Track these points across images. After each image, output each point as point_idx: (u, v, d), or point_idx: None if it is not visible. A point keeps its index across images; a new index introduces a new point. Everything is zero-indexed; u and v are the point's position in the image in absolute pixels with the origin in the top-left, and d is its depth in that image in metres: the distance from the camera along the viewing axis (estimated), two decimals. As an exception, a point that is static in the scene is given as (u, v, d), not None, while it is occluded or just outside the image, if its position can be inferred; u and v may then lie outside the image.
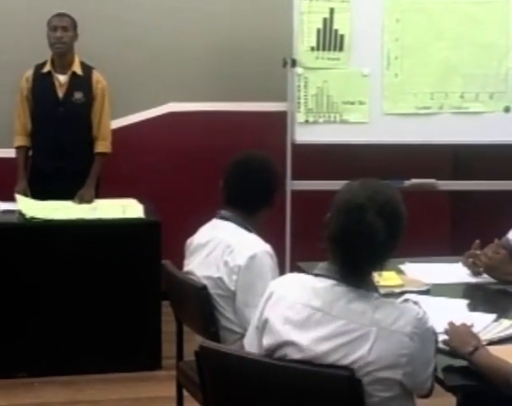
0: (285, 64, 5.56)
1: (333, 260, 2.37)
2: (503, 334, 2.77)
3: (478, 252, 3.54)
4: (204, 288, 3.19)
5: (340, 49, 5.58)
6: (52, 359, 4.71)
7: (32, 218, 4.74)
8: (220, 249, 3.21)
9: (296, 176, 5.61)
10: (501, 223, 3.75)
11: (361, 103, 5.63)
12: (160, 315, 4.79)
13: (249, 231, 3.27)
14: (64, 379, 4.66)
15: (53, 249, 4.69)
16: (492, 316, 2.90)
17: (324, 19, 5.55)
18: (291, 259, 5.35)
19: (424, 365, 2.31)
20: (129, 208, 4.99)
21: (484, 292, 3.41)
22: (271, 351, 2.40)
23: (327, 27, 5.56)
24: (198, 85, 5.68)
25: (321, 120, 5.63)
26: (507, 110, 5.72)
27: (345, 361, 2.27)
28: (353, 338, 2.27)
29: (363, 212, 2.29)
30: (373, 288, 2.39)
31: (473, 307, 3.09)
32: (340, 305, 2.31)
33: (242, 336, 3.13)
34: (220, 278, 3.19)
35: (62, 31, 5.16)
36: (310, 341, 2.32)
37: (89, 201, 5.11)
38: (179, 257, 3.51)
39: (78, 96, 5.25)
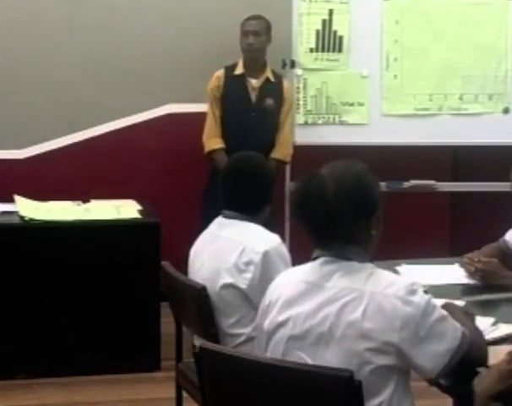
0: (284, 65, 5.57)
1: (308, 234, 2.39)
2: (498, 336, 2.77)
3: (476, 252, 3.56)
4: (204, 289, 3.18)
5: (340, 50, 5.59)
6: (51, 360, 4.71)
7: (31, 220, 4.74)
8: (231, 248, 3.18)
9: (296, 177, 5.59)
10: (500, 224, 3.75)
11: (360, 104, 5.64)
12: (159, 316, 4.79)
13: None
14: (63, 380, 4.66)
15: (52, 250, 4.69)
16: (491, 320, 2.90)
17: (324, 21, 5.56)
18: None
19: (431, 338, 2.29)
20: (123, 208, 4.98)
21: (481, 293, 3.41)
22: (271, 333, 2.44)
23: (326, 28, 5.57)
24: (197, 86, 5.67)
25: (320, 121, 5.64)
26: (506, 111, 5.72)
27: (340, 326, 2.29)
28: (346, 302, 2.30)
29: (315, 176, 2.37)
30: (366, 259, 2.41)
31: (470, 309, 3.09)
32: (334, 278, 2.36)
33: (245, 340, 3.14)
34: (229, 277, 3.15)
35: (254, 37, 5.16)
36: (306, 313, 2.36)
37: None
38: (179, 258, 3.51)
39: (269, 101, 5.25)
